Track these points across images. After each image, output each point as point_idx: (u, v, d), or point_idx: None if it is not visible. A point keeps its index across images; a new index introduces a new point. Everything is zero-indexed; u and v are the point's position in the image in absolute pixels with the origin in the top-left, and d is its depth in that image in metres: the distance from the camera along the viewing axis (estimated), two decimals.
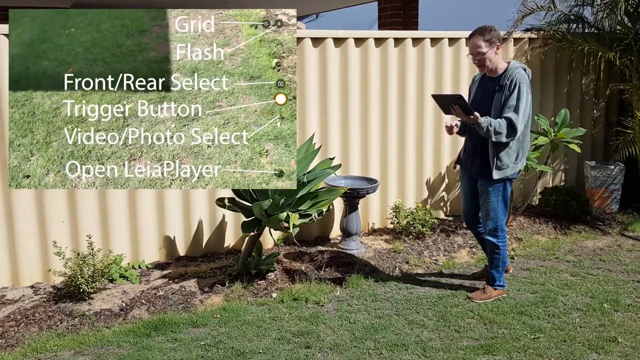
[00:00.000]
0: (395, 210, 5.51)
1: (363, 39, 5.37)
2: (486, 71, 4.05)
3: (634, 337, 3.67)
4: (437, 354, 3.47)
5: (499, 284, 4.25)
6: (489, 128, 3.84)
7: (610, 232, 5.82)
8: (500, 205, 4.08)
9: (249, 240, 4.50)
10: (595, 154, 6.78)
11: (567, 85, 6.52)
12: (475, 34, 3.99)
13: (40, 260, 4.44)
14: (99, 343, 3.61)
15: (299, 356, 3.46)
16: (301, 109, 5.14)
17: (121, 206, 4.65)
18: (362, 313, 4.02)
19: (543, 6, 6.14)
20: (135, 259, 4.76)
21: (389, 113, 5.56)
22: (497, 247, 4.16)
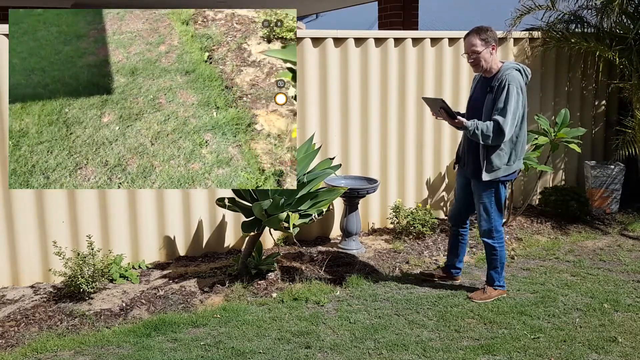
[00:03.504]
0: (395, 210, 5.51)
1: (363, 39, 5.38)
2: (481, 71, 4.03)
3: (634, 337, 3.67)
4: (437, 354, 3.47)
5: (499, 284, 4.25)
6: (476, 132, 3.83)
7: (610, 232, 5.82)
8: (493, 206, 4.07)
9: (249, 240, 4.50)
10: (595, 153, 6.78)
11: (567, 85, 6.52)
12: (471, 33, 3.97)
13: (40, 260, 4.44)
14: (99, 343, 3.61)
15: (299, 356, 3.46)
16: (301, 109, 5.14)
17: (121, 206, 4.65)
18: (362, 313, 4.02)
19: (541, 5, 6.14)
20: (135, 259, 4.77)
21: (389, 113, 5.56)
22: (494, 249, 4.16)
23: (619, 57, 5.74)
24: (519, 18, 6.09)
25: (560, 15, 6.24)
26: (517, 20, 6.07)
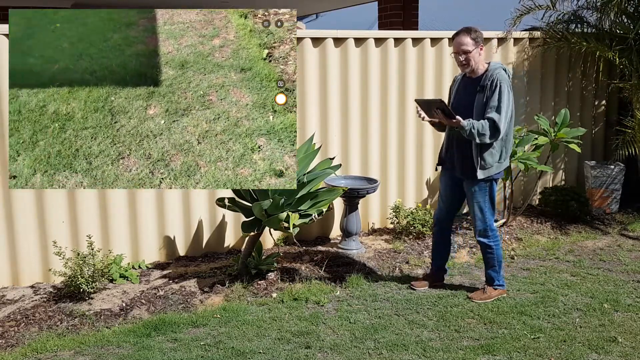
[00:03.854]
0: (395, 210, 5.51)
1: (363, 39, 5.37)
2: (468, 71, 4.03)
3: (634, 337, 3.67)
4: (437, 354, 3.47)
5: (498, 284, 4.25)
6: (472, 130, 3.84)
7: (610, 232, 5.82)
8: (487, 205, 4.08)
9: (249, 240, 4.50)
10: (595, 153, 6.78)
11: (567, 85, 6.52)
12: (461, 32, 3.98)
13: (40, 260, 4.44)
14: (99, 343, 3.61)
15: (299, 356, 3.46)
16: (301, 109, 5.14)
17: (121, 206, 4.65)
18: (362, 313, 4.02)
19: (541, 5, 6.14)
20: (135, 259, 4.76)
21: (389, 113, 5.56)
22: (490, 247, 4.16)
23: (619, 57, 5.74)
24: (519, 18, 6.09)
25: (560, 15, 6.24)
26: (517, 20, 6.07)
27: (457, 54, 3.98)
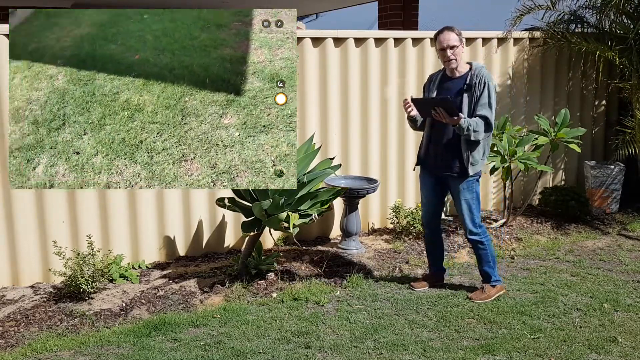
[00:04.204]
0: (395, 210, 5.51)
1: (363, 39, 5.37)
2: (454, 67, 4.02)
3: (634, 337, 3.67)
4: (437, 354, 3.47)
5: (495, 279, 4.25)
6: (470, 128, 3.87)
7: (610, 232, 5.82)
8: (475, 202, 4.12)
9: (249, 240, 4.50)
10: (595, 153, 6.78)
11: (567, 85, 6.52)
12: (444, 29, 4.01)
13: (40, 260, 4.44)
14: (99, 343, 3.61)
15: (299, 356, 3.46)
16: (301, 109, 5.14)
17: (121, 206, 4.65)
18: (362, 313, 4.02)
19: (541, 5, 6.14)
20: (135, 259, 4.76)
21: (389, 113, 5.56)
22: (482, 244, 4.17)
23: (619, 57, 5.74)
24: (519, 18, 6.09)
25: (561, 15, 6.24)
26: (518, 20, 6.07)
27: (443, 50, 3.99)
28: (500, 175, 5.95)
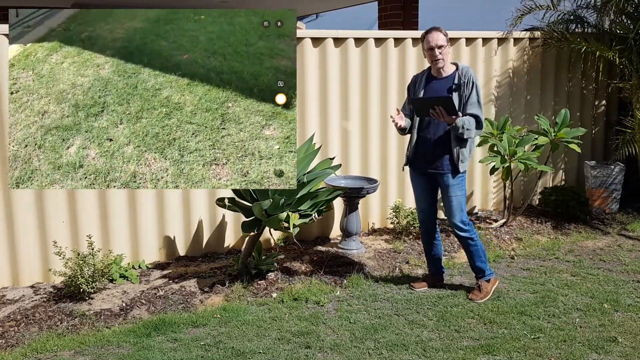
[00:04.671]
0: (395, 210, 5.51)
1: (363, 39, 5.37)
2: (441, 66, 4.08)
3: (634, 337, 3.67)
4: (437, 354, 3.47)
5: (489, 273, 4.29)
6: (464, 126, 3.96)
7: (610, 232, 5.82)
8: (464, 198, 4.20)
9: (249, 240, 4.50)
10: (595, 153, 6.78)
11: (567, 85, 6.52)
12: (432, 30, 4.07)
13: (40, 260, 4.44)
14: (99, 343, 3.61)
15: (299, 356, 3.46)
16: (301, 109, 5.14)
17: (121, 206, 4.65)
18: (362, 313, 4.02)
19: (542, 5, 6.15)
20: (135, 259, 4.77)
21: (389, 113, 5.55)
22: (471, 239, 4.21)
23: (619, 57, 5.74)
24: (519, 18, 6.09)
25: (561, 15, 6.24)
26: (518, 21, 6.07)
27: (432, 49, 4.03)
28: (500, 175, 5.95)
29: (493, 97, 6.10)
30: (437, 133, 4.10)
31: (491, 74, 6.04)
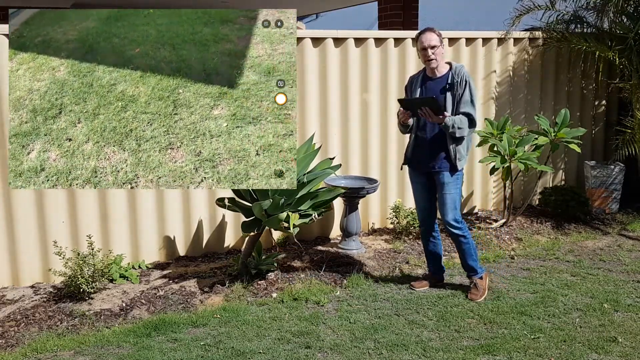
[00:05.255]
0: (395, 210, 5.51)
1: (363, 39, 5.37)
2: (434, 66, 4.10)
3: (634, 337, 3.67)
4: (437, 354, 3.47)
5: (480, 270, 4.31)
6: (454, 125, 3.98)
7: (610, 232, 5.82)
8: (459, 196, 4.23)
9: (249, 240, 4.50)
10: (595, 153, 6.78)
11: (567, 85, 6.52)
12: (425, 30, 4.11)
13: (40, 260, 4.44)
14: (99, 343, 3.61)
15: (299, 356, 3.46)
16: (301, 109, 5.14)
17: (121, 206, 4.65)
18: (362, 313, 4.02)
19: (541, 5, 6.15)
20: (135, 259, 4.77)
21: (389, 113, 5.56)
22: (464, 237, 4.24)
23: (619, 57, 5.74)
24: (518, 18, 6.09)
25: (560, 15, 6.24)
26: (517, 21, 6.07)
27: (425, 49, 4.06)
28: (500, 175, 5.95)
29: (493, 97, 6.10)
30: (433, 132, 4.13)
31: (491, 74, 6.04)
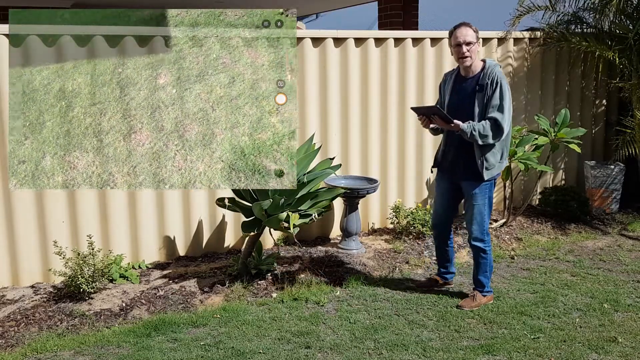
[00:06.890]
0: (395, 210, 5.51)
1: (363, 39, 5.37)
2: (468, 65, 3.87)
3: (634, 337, 3.67)
4: (437, 354, 3.47)
5: (487, 290, 4.15)
6: (474, 133, 3.74)
7: (610, 232, 5.82)
8: (486, 208, 3.99)
9: (249, 240, 4.50)
10: (595, 153, 6.78)
11: (567, 85, 6.52)
12: (462, 25, 3.86)
13: (40, 260, 4.44)
14: (99, 343, 3.61)
15: (299, 356, 3.46)
16: (301, 109, 5.14)
17: (121, 206, 4.65)
18: (362, 313, 4.02)
19: (540, 6, 6.15)
20: (135, 259, 4.76)
21: (389, 113, 5.56)
22: (484, 252, 4.05)
23: (618, 57, 5.74)
24: (518, 18, 6.10)
25: (560, 16, 6.24)
26: (517, 21, 6.08)
27: (459, 46, 3.81)
28: (500, 175, 5.95)
29: None
30: (461, 139, 3.87)
31: None
